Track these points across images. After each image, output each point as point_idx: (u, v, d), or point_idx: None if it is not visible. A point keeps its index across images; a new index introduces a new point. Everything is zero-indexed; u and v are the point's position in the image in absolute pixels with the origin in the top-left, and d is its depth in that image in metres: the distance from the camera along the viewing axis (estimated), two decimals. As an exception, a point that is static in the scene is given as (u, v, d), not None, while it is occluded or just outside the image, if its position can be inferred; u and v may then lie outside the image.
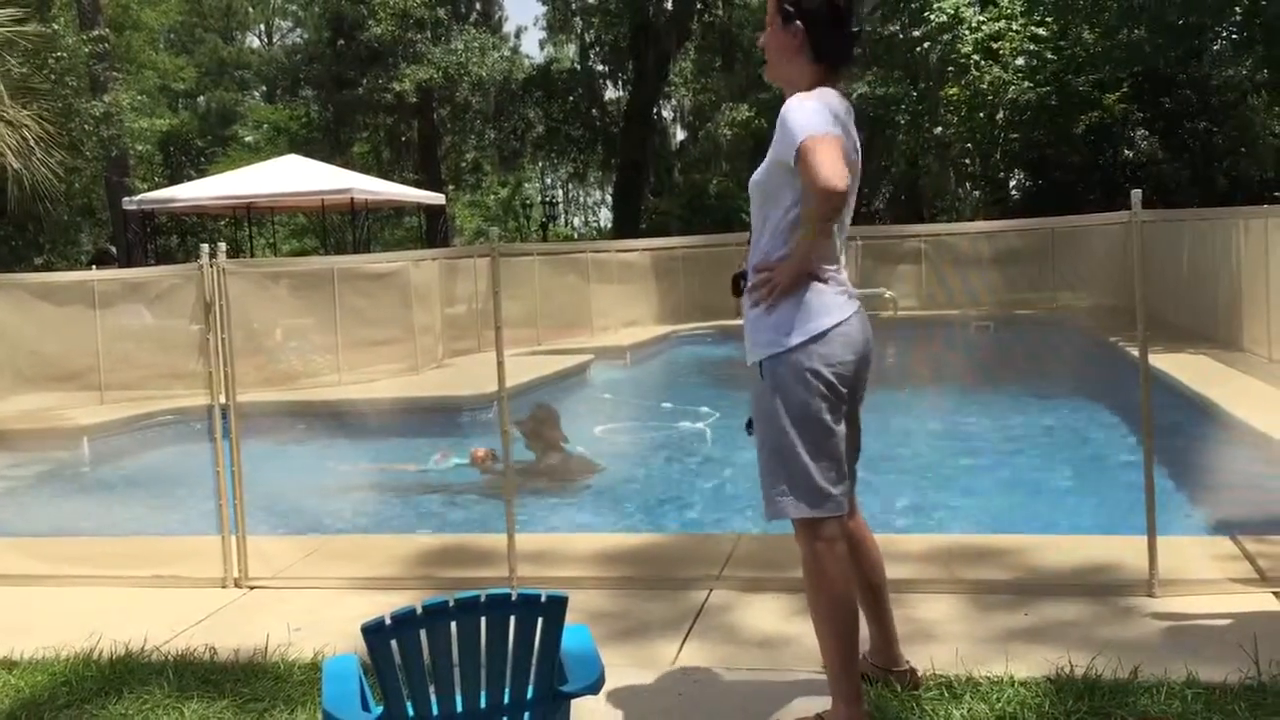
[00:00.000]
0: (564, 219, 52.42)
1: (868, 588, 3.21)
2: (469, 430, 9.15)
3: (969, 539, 5.02)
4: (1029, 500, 7.01)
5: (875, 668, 3.27)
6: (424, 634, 2.20)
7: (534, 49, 52.83)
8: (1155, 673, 3.26)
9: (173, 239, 27.06)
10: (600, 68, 35.64)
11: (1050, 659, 3.40)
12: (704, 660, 3.63)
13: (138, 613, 4.36)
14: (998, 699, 3.15)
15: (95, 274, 11.52)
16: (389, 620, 2.18)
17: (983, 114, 20.35)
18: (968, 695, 3.19)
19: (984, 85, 19.79)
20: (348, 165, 25.38)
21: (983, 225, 15.28)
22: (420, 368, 11.58)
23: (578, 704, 2.42)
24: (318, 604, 4.40)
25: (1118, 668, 3.31)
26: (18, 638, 4.04)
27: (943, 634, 3.72)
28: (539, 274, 14.10)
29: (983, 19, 20.37)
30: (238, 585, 4.69)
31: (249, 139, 36.56)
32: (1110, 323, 11.03)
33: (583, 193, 54.08)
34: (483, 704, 2.29)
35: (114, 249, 20.73)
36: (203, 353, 4.97)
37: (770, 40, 3.09)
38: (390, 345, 11.56)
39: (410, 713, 2.24)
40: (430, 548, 5.31)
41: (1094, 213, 6.13)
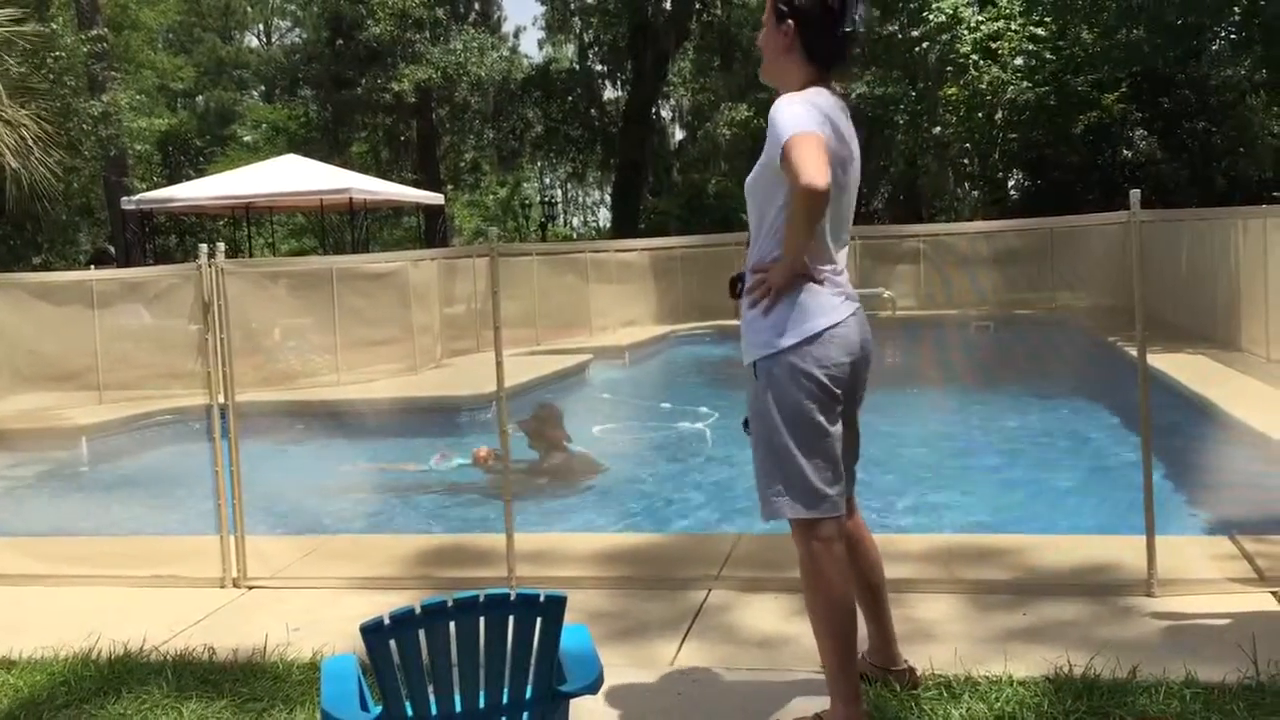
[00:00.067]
0: (563, 219, 52.42)
1: (866, 587, 3.21)
2: (468, 430, 9.14)
3: (968, 539, 5.02)
4: (1028, 500, 7.02)
5: (874, 667, 3.27)
6: (422, 634, 2.20)
7: (533, 49, 52.99)
8: (1154, 672, 3.26)
9: (171, 239, 27.05)
10: (599, 68, 35.64)
11: (1049, 659, 3.40)
12: (703, 660, 3.63)
13: (136, 612, 4.36)
14: (996, 699, 3.16)
15: (94, 274, 11.49)
16: (387, 620, 2.18)
17: (981, 114, 20.36)
18: (966, 695, 3.19)
19: (983, 85, 19.78)
20: (346, 165, 25.36)
21: (981, 225, 15.23)
22: (419, 368, 11.57)
23: (577, 704, 2.42)
24: (316, 604, 4.41)
25: (1116, 667, 3.31)
26: (16, 637, 4.04)
27: (941, 634, 3.73)
28: (538, 274, 14.11)
29: (981, 19, 20.35)
30: (236, 585, 4.69)
31: (247, 139, 36.56)
32: (1109, 322, 11.02)
33: (581, 193, 54.11)
34: (481, 704, 2.29)
35: (112, 249, 20.70)
36: (201, 353, 4.97)
37: (765, 39, 3.09)
38: (389, 345, 11.56)
39: (409, 712, 2.24)
40: (429, 547, 5.30)
41: (1093, 213, 6.13)
